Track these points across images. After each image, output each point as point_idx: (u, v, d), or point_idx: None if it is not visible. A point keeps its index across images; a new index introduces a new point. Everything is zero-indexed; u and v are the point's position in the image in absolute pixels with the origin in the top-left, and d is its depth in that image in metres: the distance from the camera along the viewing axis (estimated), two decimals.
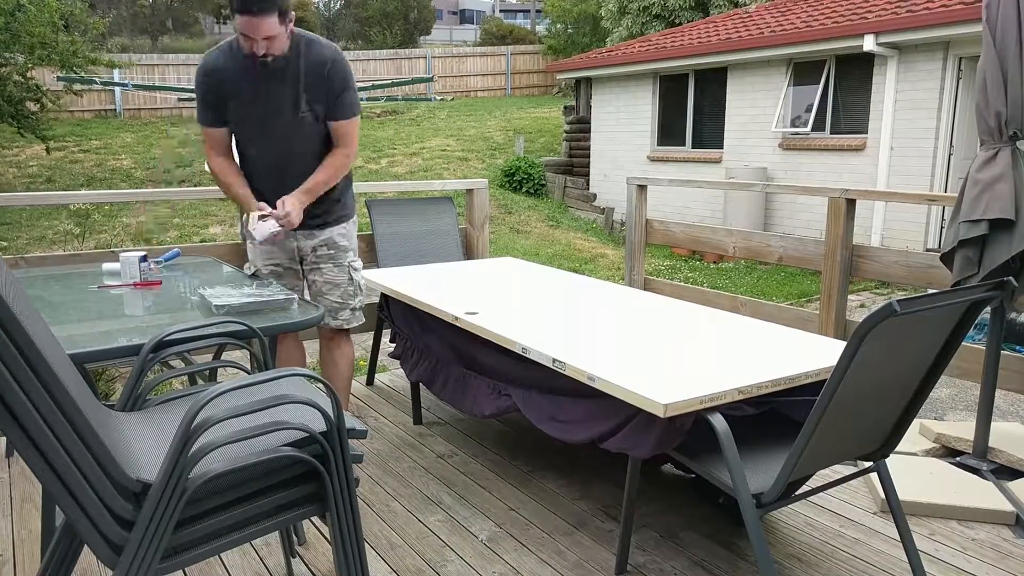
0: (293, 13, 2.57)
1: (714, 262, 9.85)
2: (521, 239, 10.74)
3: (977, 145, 2.74)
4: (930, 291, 2.15)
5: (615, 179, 12.28)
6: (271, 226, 2.66)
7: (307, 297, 2.95)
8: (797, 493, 2.08)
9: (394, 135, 16.14)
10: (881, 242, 8.77)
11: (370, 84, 18.10)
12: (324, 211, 2.89)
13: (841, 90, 9.47)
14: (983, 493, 2.59)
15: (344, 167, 2.81)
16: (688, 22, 14.92)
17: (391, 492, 2.71)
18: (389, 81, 18.81)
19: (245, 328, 1.96)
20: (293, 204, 2.68)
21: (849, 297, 3.79)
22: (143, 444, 1.57)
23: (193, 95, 2.85)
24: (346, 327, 3.01)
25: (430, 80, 18.64)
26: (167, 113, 17.30)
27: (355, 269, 3.01)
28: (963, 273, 2.69)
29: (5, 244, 9.05)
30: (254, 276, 2.82)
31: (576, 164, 13.66)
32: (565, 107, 14.96)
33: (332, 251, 2.94)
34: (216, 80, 2.69)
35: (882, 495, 2.39)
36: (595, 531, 2.43)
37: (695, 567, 2.23)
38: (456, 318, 2.66)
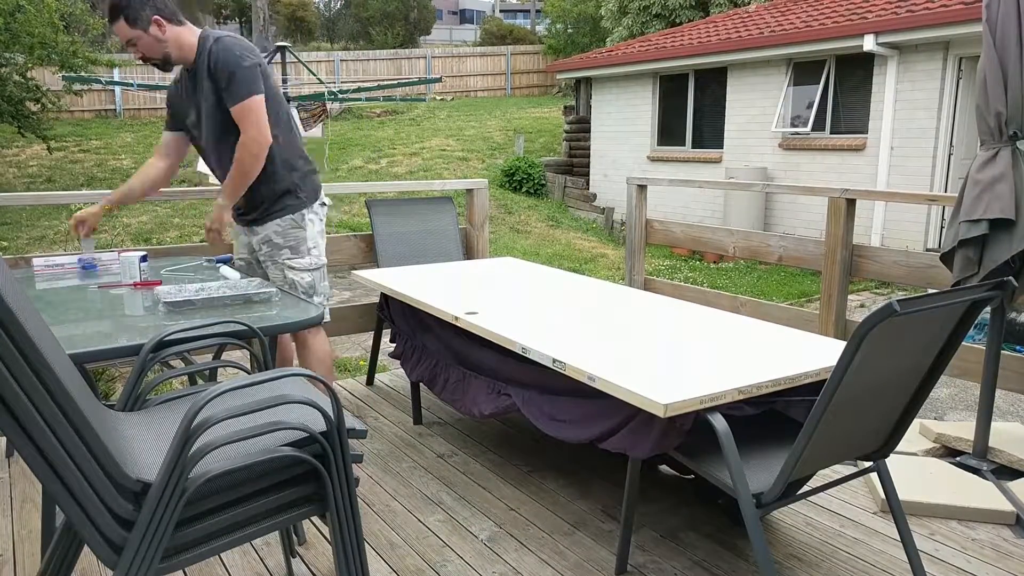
0: (154, 18, 2.53)
1: (714, 262, 9.84)
2: (521, 239, 10.74)
3: (977, 145, 2.74)
4: (930, 291, 2.15)
5: (615, 179, 12.29)
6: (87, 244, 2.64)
7: None
8: (797, 493, 2.08)
9: (394, 135, 16.15)
10: (881, 242, 8.77)
11: (375, 84, 18.10)
12: (257, 206, 2.82)
13: (841, 90, 9.47)
14: (983, 493, 2.59)
15: (250, 158, 2.61)
16: (688, 22, 14.93)
17: (391, 492, 2.71)
18: (395, 82, 18.79)
19: (245, 328, 1.96)
20: (216, 216, 2.71)
21: (849, 297, 3.79)
22: (143, 444, 1.57)
23: None
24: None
25: (438, 80, 18.62)
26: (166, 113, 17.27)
27: (292, 268, 2.80)
28: (963, 273, 2.69)
29: (5, 244, 9.05)
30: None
31: (576, 164, 13.66)
32: (565, 107, 14.97)
33: (270, 249, 2.84)
34: (171, 91, 2.86)
35: (882, 495, 2.39)
36: (595, 531, 2.43)
37: (695, 567, 2.23)
38: (456, 318, 2.66)
